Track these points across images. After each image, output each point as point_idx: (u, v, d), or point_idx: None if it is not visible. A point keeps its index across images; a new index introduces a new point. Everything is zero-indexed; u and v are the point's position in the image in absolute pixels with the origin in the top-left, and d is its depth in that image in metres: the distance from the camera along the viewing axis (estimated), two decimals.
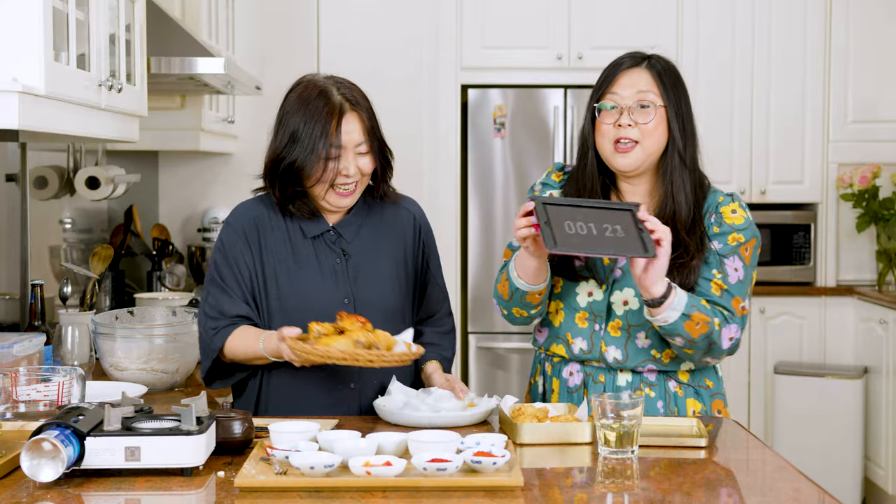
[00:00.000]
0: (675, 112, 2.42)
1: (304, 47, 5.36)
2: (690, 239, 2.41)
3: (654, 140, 2.42)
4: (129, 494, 1.85)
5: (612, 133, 2.41)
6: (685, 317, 2.32)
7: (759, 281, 5.53)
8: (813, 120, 5.56)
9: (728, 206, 2.46)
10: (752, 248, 2.45)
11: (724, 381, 2.60)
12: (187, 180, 5.35)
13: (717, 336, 2.37)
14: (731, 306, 2.41)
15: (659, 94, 2.41)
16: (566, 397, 2.53)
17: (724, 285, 2.41)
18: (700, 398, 2.50)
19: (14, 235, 3.63)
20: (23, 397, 2.31)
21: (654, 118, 2.41)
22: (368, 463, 1.88)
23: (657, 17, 5.48)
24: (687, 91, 2.47)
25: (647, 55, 2.46)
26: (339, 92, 2.44)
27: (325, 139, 2.39)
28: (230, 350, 2.45)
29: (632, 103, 2.40)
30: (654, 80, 2.42)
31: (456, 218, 5.46)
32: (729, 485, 2.00)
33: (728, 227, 2.44)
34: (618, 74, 2.43)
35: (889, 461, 5.07)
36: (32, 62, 2.26)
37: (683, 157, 2.44)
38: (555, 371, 2.56)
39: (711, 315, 2.36)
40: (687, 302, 2.32)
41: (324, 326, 2.28)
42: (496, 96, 5.46)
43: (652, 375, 2.47)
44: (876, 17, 5.53)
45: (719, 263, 2.42)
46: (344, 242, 2.52)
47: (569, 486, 1.92)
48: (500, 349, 5.41)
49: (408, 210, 2.64)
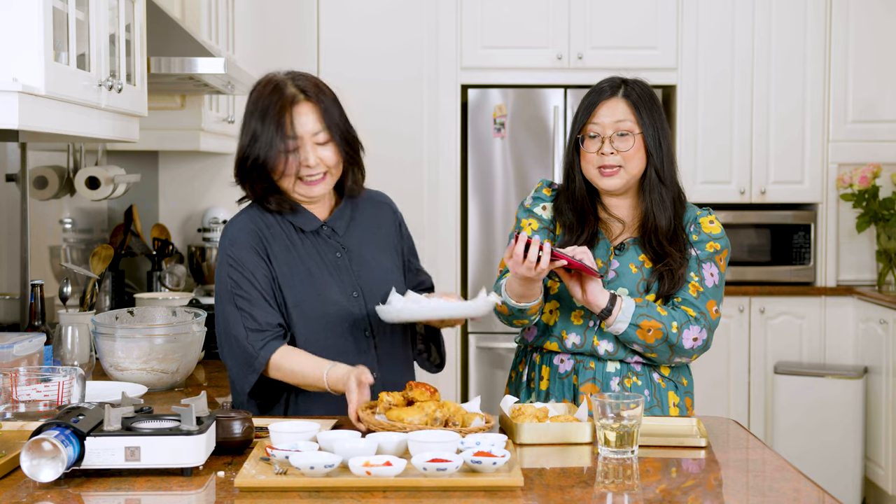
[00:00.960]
0: (652, 135, 2.61)
1: (304, 46, 5.36)
2: (673, 248, 2.61)
3: (635, 163, 2.61)
4: (129, 494, 1.85)
5: (596, 160, 2.61)
6: (634, 326, 2.53)
7: (758, 281, 5.57)
8: (813, 120, 5.56)
9: (706, 218, 2.67)
10: (725, 258, 2.67)
11: (726, 381, 2.68)
12: (187, 180, 5.34)
13: (677, 338, 2.55)
14: (706, 308, 2.60)
15: (635, 122, 2.60)
16: (557, 382, 2.64)
17: (700, 288, 2.61)
18: (678, 392, 2.67)
19: (14, 235, 3.63)
20: (23, 397, 2.31)
21: (634, 145, 2.60)
22: (368, 463, 1.88)
23: (657, 17, 5.48)
24: (662, 112, 2.65)
25: (624, 80, 2.66)
26: (293, 84, 2.47)
27: (282, 132, 2.42)
28: (279, 367, 2.42)
29: (611, 132, 2.60)
30: (630, 108, 2.61)
31: (456, 218, 5.46)
32: (729, 485, 2.00)
33: (706, 235, 2.65)
34: (597, 106, 2.62)
35: (889, 461, 5.07)
36: (32, 62, 2.26)
37: (661, 176, 2.62)
38: (544, 360, 2.68)
39: (667, 320, 2.54)
40: (634, 312, 2.52)
41: (393, 396, 2.25)
42: (496, 96, 5.46)
43: (638, 366, 2.63)
44: (876, 17, 5.53)
45: (698, 268, 2.62)
46: (338, 237, 2.55)
47: (569, 486, 1.92)
48: (500, 349, 5.41)
49: (384, 202, 2.69)
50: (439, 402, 2.24)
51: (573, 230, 2.64)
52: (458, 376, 5.49)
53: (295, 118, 2.42)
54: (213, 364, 3.27)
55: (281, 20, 5.36)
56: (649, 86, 2.68)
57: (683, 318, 2.56)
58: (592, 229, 2.64)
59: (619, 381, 2.60)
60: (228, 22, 4.90)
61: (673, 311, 2.57)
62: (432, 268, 5.42)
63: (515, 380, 2.77)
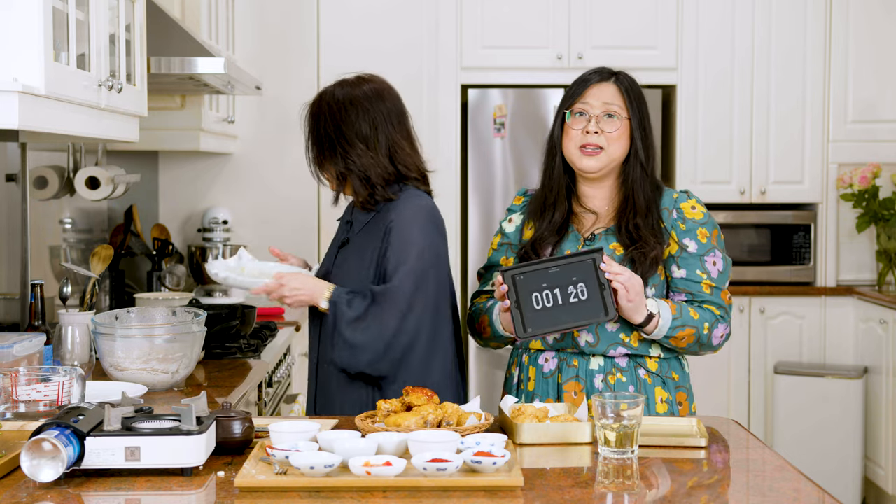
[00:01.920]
0: (638, 125, 2.64)
1: (304, 46, 5.36)
2: (647, 231, 2.60)
3: (617, 147, 2.62)
4: (129, 494, 1.85)
5: (580, 138, 2.63)
6: (668, 337, 2.57)
7: (758, 281, 5.56)
8: (813, 120, 5.56)
9: (687, 203, 2.66)
10: (718, 238, 2.66)
11: (726, 381, 2.70)
12: (187, 180, 5.34)
13: (707, 338, 2.60)
14: (721, 299, 2.63)
15: (624, 107, 2.64)
16: (542, 382, 2.66)
17: (711, 283, 2.62)
18: (666, 388, 2.65)
19: (14, 235, 3.63)
20: (23, 397, 2.31)
21: (619, 128, 2.62)
22: (368, 463, 1.88)
23: (657, 17, 5.48)
24: (647, 108, 2.71)
25: (615, 72, 2.70)
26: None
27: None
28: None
29: (599, 112, 2.63)
30: (620, 94, 2.65)
31: (456, 218, 5.46)
32: (729, 485, 2.00)
33: (692, 222, 2.64)
34: (588, 87, 2.67)
35: (889, 461, 5.07)
36: (32, 62, 2.26)
37: (644, 166, 2.64)
38: (531, 360, 2.70)
39: (698, 323, 2.58)
40: (671, 325, 2.55)
41: (391, 403, 2.27)
42: (496, 96, 5.46)
43: (623, 361, 2.62)
44: (876, 17, 5.53)
45: (701, 263, 2.62)
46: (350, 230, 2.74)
47: (569, 486, 1.92)
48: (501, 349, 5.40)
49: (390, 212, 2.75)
50: (438, 405, 2.24)
51: (544, 213, 2.68)
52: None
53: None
54: (213, 364, 3.27)
55: (281, 20, 5.36)
56: (639, 83, 2.72)
57: (712, 317, 2.60)
58: (564, 212, 2.66)
59: (603, 377, 2.60)
60: (228, 22, 4.90)
61: (703, 312, 2.59)
62: None
63: (509, 381, 2.79)
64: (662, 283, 2.62)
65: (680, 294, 2.62)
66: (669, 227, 2.62)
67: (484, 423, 2.22)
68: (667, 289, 2.64)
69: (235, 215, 5.22)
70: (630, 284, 2.48)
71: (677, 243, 2.61)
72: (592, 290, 2.47)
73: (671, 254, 2.62)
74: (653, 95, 5.50)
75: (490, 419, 2.25)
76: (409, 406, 2.25)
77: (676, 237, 2.62)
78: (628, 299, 2.48)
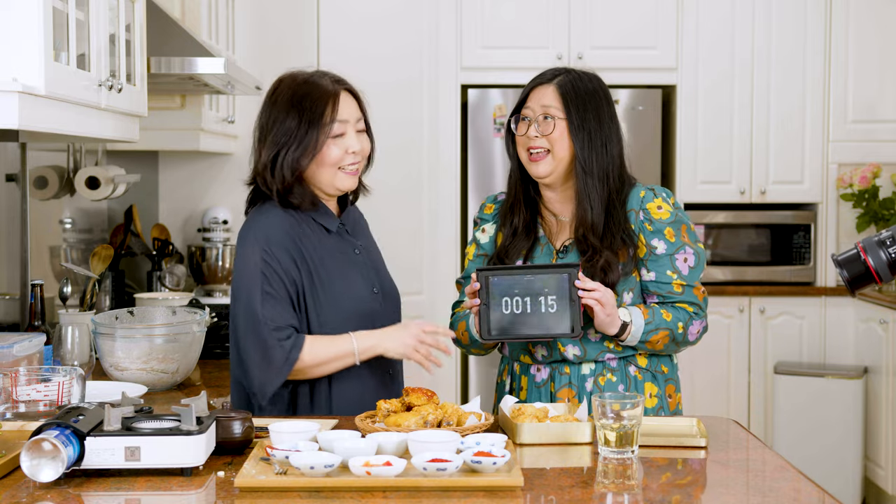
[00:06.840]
0: (579, 125, 2.60)
1: (304, 46, 5.36)
2: (602, 243, 2.58)
3: (560, 148, 2.61)
4: (129, 494, 1.85)
5: (525, 143, 2.65)
6: (643, 342, 2.58)
7: (758, 281, 5.56)
8: (813, 120, 5.56)
9: (653, 203, 2.63)
10: (687, 232, 2.65)
11: (726, 381, 2.68)
12: (187, 180, 5.34)
13: (683, 336, 2.61)
14: (694, 296, 2.63)
15: (560, 109, 2.62)
16: (534, 391, 2.67)
17: (682, 282, 2.62)
18: (656, 382, 2.67)
19: (14, 235, 3.63)
20: (23, 397, 2.32)
21: (556, 129, 2.61)
22: (368, 463, 1.88)
23: (657, 17, 5.48)
24: (604, 108, 2.64)
25: (566, 70, 2.70)
26: (326, 77, 2.54)
27: (330, 117, 2.46)
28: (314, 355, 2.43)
29: (538, 116, 2.63)
30: (558, 96, 2.63)
31: (456, 218, 5.46)
32: (729, 485, 2.00)
33: (658, 223, 2.62)
34: (530, 91, 2.68)
35: (889, 461, 5.07)
36: (32, 62, 2.26)
37: (587, 168, 2.60)
38: (522, 370, 2.70)
39: (672, 324, 2.59)
40: (644, 330, 2.57)
41: (391, 403, 2.27)
42: (496, 96, 5.46)
43: (613, 362, 2.64)
44: (876, 17, 5.53)
45: (671, 263, 2.62)
46: (350, 235, 2.61)
47: (569, 486, 1.92)
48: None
49: (356, 207, 2.74)
50: (438, 405, 2.24)
51: (506, 219, 2.69)
52: (458, 376, 5.49)
53: (340, 104, 2.48)
54: (212, 364, 3.27)
55: (281, 20, 5.36)
56: (598, 81, 2.69)
57: (686, 315, 2.61)
58: (526, 217, 2.67)
59: (594, 380, 2.61)
60: (228, 22, 4.90)
61: (676, 312, 2.60)
62: (432, 268, 5.43)
63: (500, 387, 2.80)
64: (639, 284, 2.64)
65: (652, 296, 2.63)
66: (637, 229, 2.61)
67: (484, 423, 2.22)
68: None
69: (235, 215, 5.22)
70: (605, 300, 2.50)
71: (645, 245, 2.60)
72: (562, 304, 2.49)
73: (640, 257, 2.61)
74: (653, 95, 5.50)
75: (490, 419, 2.25)
76: (409, 406, 2.25)
77: (645, 239, 2.61)
78: (606, 314, 2.51)
